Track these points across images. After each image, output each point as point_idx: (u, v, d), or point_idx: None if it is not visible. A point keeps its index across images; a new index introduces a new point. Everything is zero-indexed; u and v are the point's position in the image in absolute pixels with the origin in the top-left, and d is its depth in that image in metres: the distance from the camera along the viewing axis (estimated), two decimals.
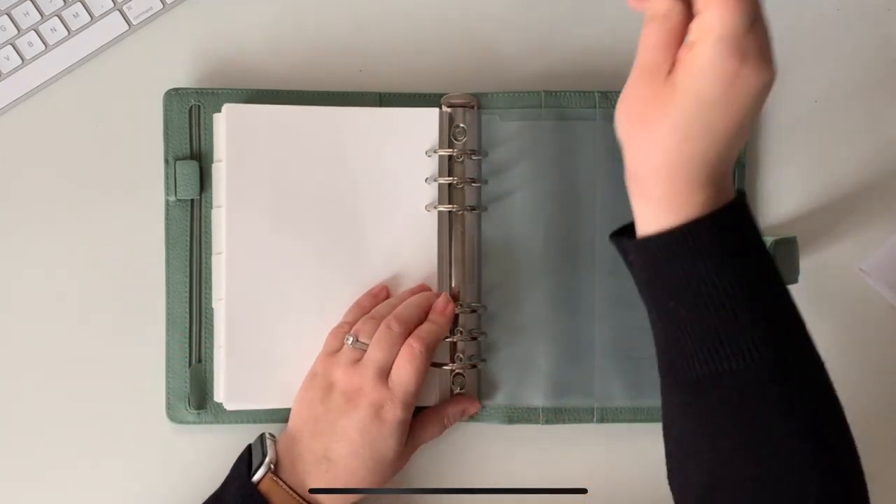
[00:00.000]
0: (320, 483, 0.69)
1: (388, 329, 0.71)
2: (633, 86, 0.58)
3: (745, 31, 0.54)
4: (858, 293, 0.79)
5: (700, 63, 0.55)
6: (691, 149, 0.56)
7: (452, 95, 0.76)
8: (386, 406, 0.69)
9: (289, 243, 0.74)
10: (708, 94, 0.55)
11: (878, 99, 0.80)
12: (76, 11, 0.78)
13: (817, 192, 0.79)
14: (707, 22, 0.54)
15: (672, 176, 0.56)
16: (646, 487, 0.77)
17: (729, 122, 0.55)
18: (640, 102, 0.58)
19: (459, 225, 0.75)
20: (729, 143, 0.56)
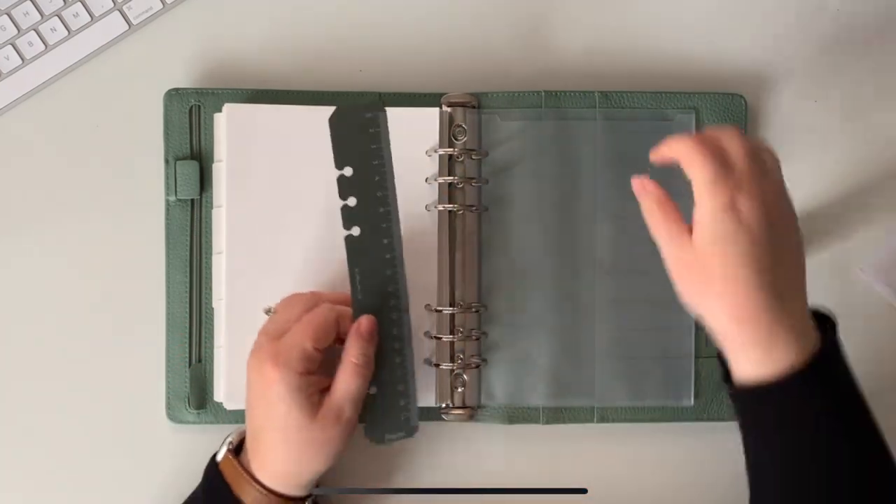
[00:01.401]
0: (255, 462, 0.68)
1: (296, 294, 0.70)
2: (674, 261, 0.65)
3: (724, 171, 0.61)
4: (858, 293, 0.79)
5: (701, 215, 0.62)
6: (747, 282, 0.61)
7: (452, 95, 0.76)
8: (267, 367, 0.66)
9: (289, 243, 0.74)
10: (726, 228, 0.61)
11: (877, 99, 0.80)
12: (76, 11, 0.78)
13: (817, 193, 0.79)
14: (693, 178, 0.62)
15: (752, 315, 0.61)
16: (646, 487, 0.77)
17: (755, 247, 0.61)
18: (687, 270, 0.64)
19: (459, 225, 0.75)
20: (772, 266, 0.61)
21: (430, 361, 0.75)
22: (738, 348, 0.62)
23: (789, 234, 0.63)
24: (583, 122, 0.76)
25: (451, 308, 0.75)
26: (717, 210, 0.61)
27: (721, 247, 0.61)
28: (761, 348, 0.61)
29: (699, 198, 0.62)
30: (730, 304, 0.61)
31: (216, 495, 0.69)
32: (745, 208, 0.61)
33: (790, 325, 0.61)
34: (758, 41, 0.80)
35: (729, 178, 0.61)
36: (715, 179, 0.61)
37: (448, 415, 0.75)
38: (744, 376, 0.62)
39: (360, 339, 0.68)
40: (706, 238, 0.62)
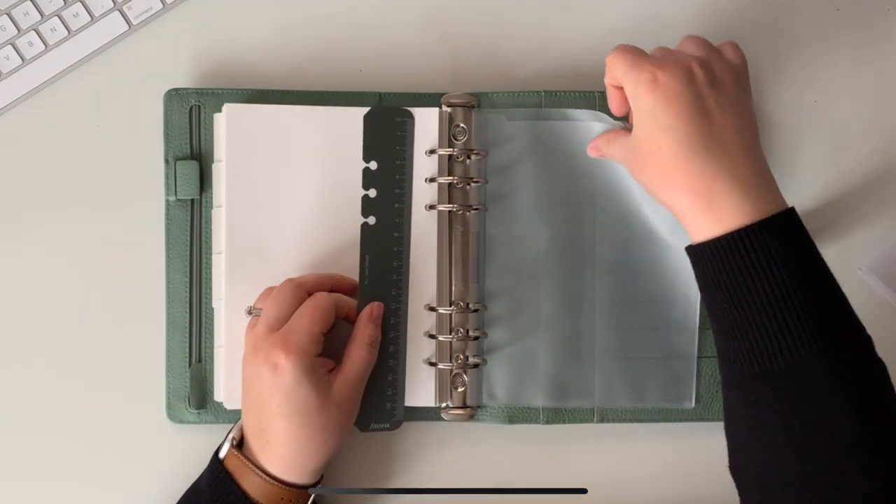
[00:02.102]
0: (265, 455, 0.68)
1: (281, 287, 0.70)
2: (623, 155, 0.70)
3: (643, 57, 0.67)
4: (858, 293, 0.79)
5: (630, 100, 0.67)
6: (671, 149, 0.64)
7: (452, 95, 0.76)
8: (277, 355, 0.67)
9: (289, 243, 0.74)
10: (645, 105, 0.65)
11: (878, 99, 0.80)
12: (76, 11, 0.78)
13: (817, 193, 0.79)
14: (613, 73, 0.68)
15: (686, 180, 0.64)
16: (646, 487, 0.77)
17: (674, 112, 0.64)
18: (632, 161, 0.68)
19: (459, 225, 0.75)
20: (697, 125, 0.64)
21: (430, 361, 0.75)
22: (687, 217, 0.65)
23: (720, 92, 0.66)
24: (583, 123, 0.76)
25: (451, 308, 0.75)
26: (638, 88, 0.65)
27: (644, 122, 0.65)
28: (705, 211, 0.63)
29: (625, 88, 0.67)
30: (662, 176, 0.65)
31: (220, 487, 0.69)
32: (662, 78, 0.65)
33: (735, 187, 0.63)
34: (758, 41, 0.80)
35: (644, 61, 0.66)
36: (630, 65, 0.66)
37: (448, 415, 0.75)
38: (700, 236, 0.64)
39: (372, 321, 0.72)
40: (636, 123, 0.66)
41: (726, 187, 0.63)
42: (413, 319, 0.75)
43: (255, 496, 0.68)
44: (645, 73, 0.65)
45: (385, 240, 0.74)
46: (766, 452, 0.61)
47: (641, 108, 0.66)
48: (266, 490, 0.68)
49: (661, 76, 0.65)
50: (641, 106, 0.66)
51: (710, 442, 0.77)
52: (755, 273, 0.62)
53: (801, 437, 0.60)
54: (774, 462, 0.61)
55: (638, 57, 0.67)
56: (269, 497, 0.68)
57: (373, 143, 0.74)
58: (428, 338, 0.75)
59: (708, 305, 0.65)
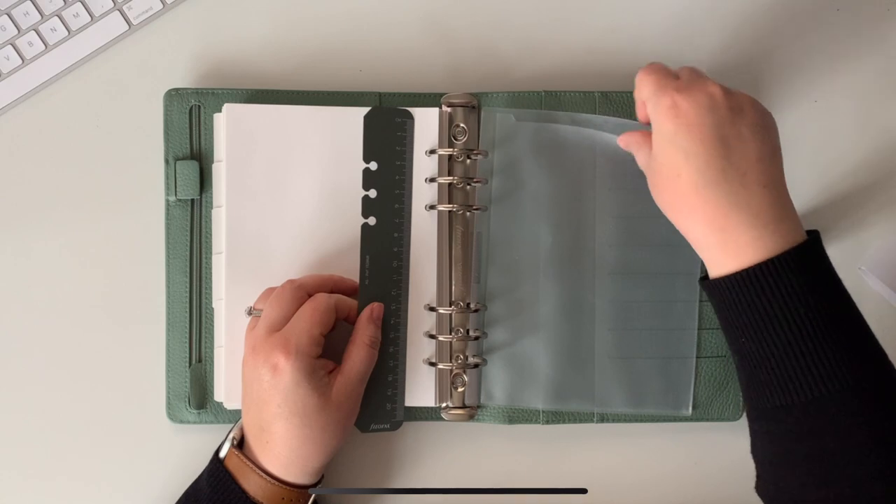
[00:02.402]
0: (265, 455, 0.69)
1: (282, 288, 0.70)
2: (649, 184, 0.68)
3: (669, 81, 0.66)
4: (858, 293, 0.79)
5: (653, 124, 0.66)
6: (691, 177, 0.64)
7: (452, 95, 0.76)
8: (277, 357, 0.67)
9: (288, 243, 0.74)
10: (666, 131, 0.65)
11: (878, 99, 0.80)
12: (76, 11, 0.78)
13: (817, 192, 0.79)
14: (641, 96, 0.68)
15: (704, 210, 0.64)
16: (646, 487, 0.77)
17: (696, 139, 0.64)
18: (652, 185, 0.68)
19: (459, 225, 0.75)
20: (718, 153, 0.63)
21: (430, 361, 0.75)
22: (704, 249, 0.65)
23: (739, 123, 0.65)
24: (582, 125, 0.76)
25: (451, 308, 0.75)
26: (659, 113, 0.65)
27: (664, 148, 0.65)
28: (723, 245, 0.63)
29: (648, 109, 0.67)
30: (680, 203, 0.65)
31: (221, 486, 0.69)
32: (684, 106, 0.65)
33: (752, 220, 0.63)
34: (758, 41, 0.80)
35: (669, 85, 0.66)
36: (655, 88, 0.66)
37: (448, 415, 0.75)
38: (714, 273, 0.65)
39: (372, 322, 0.72)
40: (657, 147, 0.66)
41: (743, 221, 0.63)
42: (413, 319, 0.75)
43: (255, 496, 0.68)
44: (667, 99, 0.65)
45: (385, 240, 0.74)
46: (788, 479, 0.62)
47: (662, 133, 0.65)
48: (266, 490, 0.68)
49: (682, 103, 0.65)
50: (662, 131, 0.65)
51: (710, 442, 0.77)
52: (774, 310, 0.62)
53: (822, 467, 0.60)
54: (796, 488, 0.62)
55: (664, 79, 0.67)
56: (269, 497, 0.68)
57: (373, 144, 0.74)
58: (428, 338, 0.75)
59: (727, 337, 0.66)
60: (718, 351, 0.76)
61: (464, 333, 0.74)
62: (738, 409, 0.76)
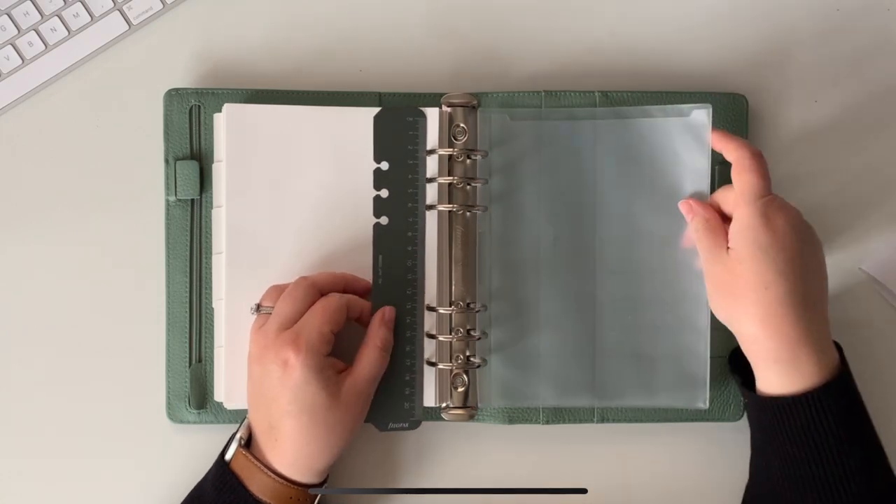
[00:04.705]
0: (273, 454, 0.69)
1: (295, 285, 0.70)
2: (709, 275, 0.70)
3: (767, 189, 0.68)
4: (858, 293, 0.79)
5: (740, 227, 0.68)
6: (776, 294, 0.66)
7: (452, 95, 0.76)
8: (287, 353, 0.67)
9: (289, 243, 0.74)
10: (761, 241, 0.67)
11: (878, 99, 0.80)
12: (76, 11, 0.78)
13: (817, 192, 0.79)
14: (738, 189, 0.68)
15: (780, 327, 0.66)
16: (646, 487, 0.77)
17: (787, 261, 0.66)
18: (719, 281, 0.69)
19: (460, 225, 0.75)
20: (803, 280, 0.67)
21: (430, 361, 0.75)
22: (765, 360, 0.67)
23: (815, 254, 0.69)
24: (583, 122, 0.76)
25: (451, 308, 0.75)
26: (758, 223, 0.67)
27: (757, 257, 0.66)
28: (787, 363, 0.66)
29: (743, 207, 0.68)
30: (762, 314, 0.66)
31: (227, 490, 0.69)
32: (781, 223, 0.67)
33: (815, 342, 0.67)
34: (759, 41, 0.80)
35: (772, 197, 0.68)
36: (763, 196, 0.68)
37: (448, 415, 0.75)
38: (767, 387, 0.67)
39: (384, 325, 0.72)
40: (743, 248, 0.67)
41: (811, 347, 0.66)
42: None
43: (262, 496, 0.68)
44: (766, 216, 0.67)
45: (398, 240, 0.74)
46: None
47: (757, 241, 0.67)
48: (274, 489, 0.68)
49: (779, 219, 0.67)
50: (758, 240, 0.67)
51: (710, 442, 0.77)
52: (819, 429, 0.66)
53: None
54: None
55: (768, 183, 0.68)
56: (276, 496, 0.68)
57: (384, 144, 0.74)
58: (428, 338, 0.75)
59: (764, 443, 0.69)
60: (719, 351, 0.76)
61: (464, 333, 0.74)
62: (738, 410, 0.76)
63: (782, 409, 0.67)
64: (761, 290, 0.66)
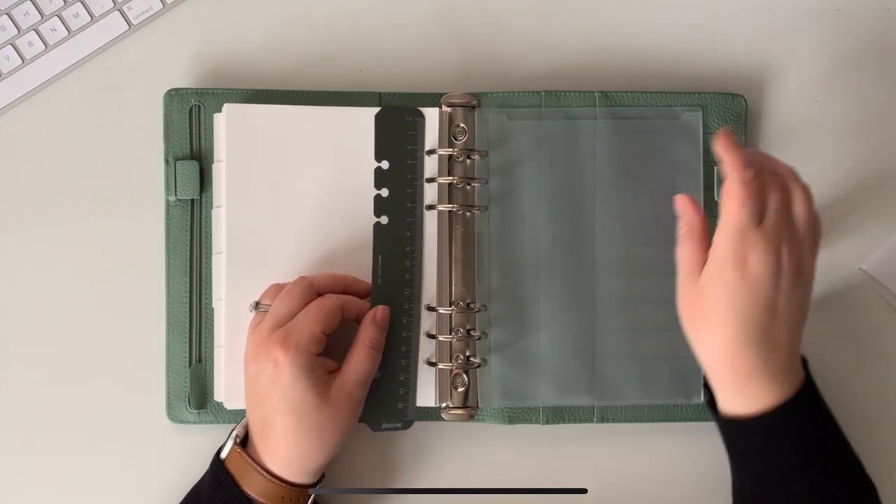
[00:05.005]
0: (266, 452, 0.69)
1: (293, 285, 0.71)
2: (681, 291, 0.68)
3: (753, 223, 0.64)
4: (858, 293, 0.79)
5: (715, 254, 0.65)
6: (733, 332, 0.65)
7: (452, 95, 0.76)
8: (277, 351, 0.67)
9: (289, 243, 0.74)
10: (727, 278, 0.64)
11: (878, 99, 0.80)
12: (76, 11, 0.78)
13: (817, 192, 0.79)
14: (721, 215, 0.65)
15: (733, 362, 0.66)
16: (646, 487, 0.77)
17: (750, 303, 0.64)
18: (689, 304, 0.68)
19: (459, 225, 0.75)
20: (763, 323, 0.65)
21: (430, 361, 0.75)
22: (718, 385, 0.68)
23: (793, 295, 0.66)
24: (583, 122, 0.76)
25: (451, 308, 0.75)
26: (729, 259, 0.65)
27: (719, 294, 0.65)
28: (737, 391, 0.67)
29: (720, 236, 0.65)
30: (717, 347, 0.66)
31: (222, 489, 0.69)
32: (754, 264, 0.64)
33: (770, 374, 0.66)
34: (758, 41, 0.80)
35: (751, 233, 0.64)
36: (741, 230, 0.64)
37: (448, 415, 0.75)
38: (726, 407, 0.67)
39: (376, 325, 0.72)
40: (709, 280, 0.66)
41: (764, 377, 0.66)
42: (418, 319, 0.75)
43: (256, 495, 0.68)
44: (739, 252, 0.64)
45: (397, 240, 0.74)
46: None
47: (723, 280, 0.65)
48: (267, 489, 0.68)
49: (753, 261, 0.64)
50: (724, 279, 0.65)
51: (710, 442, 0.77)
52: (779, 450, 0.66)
53: None
54: None
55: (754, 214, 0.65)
56: (269, 495, 0.68)
57: (384, 143, 0.74)
58: (428, 338, 0.75)
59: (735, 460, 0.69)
60: None
61: (464, 333, 0.74)
62: None
63: (742, 430, 0.67)
64: (718, 326, 0.65)
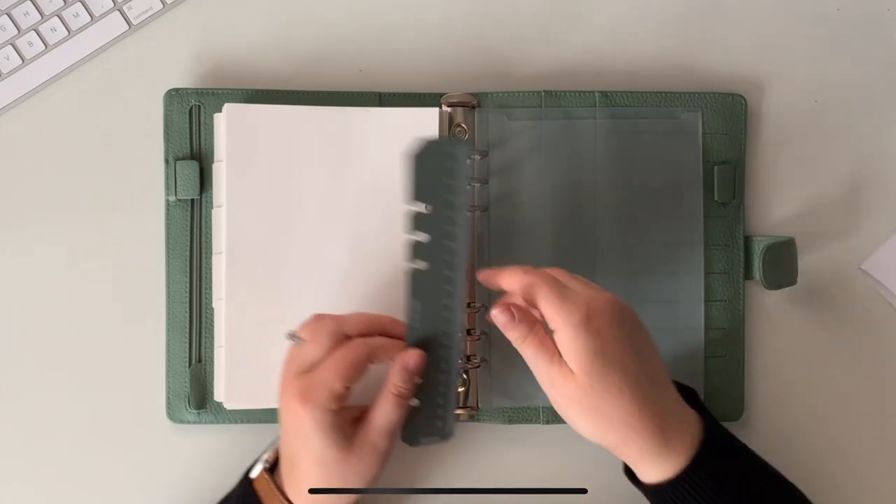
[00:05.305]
0: (294, 489, 0.68)
1: (322, 327, 0.67)
2: (555, 395, 0.65)
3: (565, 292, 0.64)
4: (858, 293, 0.79)
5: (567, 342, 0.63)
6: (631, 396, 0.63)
7: (452, 95, 0.76)
8: (295, 404, 0.65)
9: (289, 243, 0.74)
10: (595, 348, 0.63)
11: (878, 99, 0.80)
12: (76, 11, 0.78)
13: (817, 192, 0.79)
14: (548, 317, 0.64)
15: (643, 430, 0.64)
16: None
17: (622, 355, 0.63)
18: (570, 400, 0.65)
19: None
20: (645, 372, 0.64)
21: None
22: (640, 458, 0.66)
23: (638, 329, 0.66)
24: (583, 122, 0.76)
25: None
26: (578, 328, 0.63)
27: (598, 364, 0.63)
28: (660, 454, 0.65)
29: (555, 321, 0.64)
30: (626, 418, 0.64)
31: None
32: (599, 322, 0.63)
33: (676, 418, 0.65)
34: (758, 41, 0.80)
35: (572, 297, 0.64)
36: (563, 298, 0.64)
37: None
38: (649, 479, 0.66)
39: (407, 371, 0.67)
40: (583, 362, 0.63)
41: (676, 425, 0.65)
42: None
43: None
44: (580, 311, 0.63)
45: (437, 283, 0.67)
46: None
47: (588, 348, 0.63)
48: None
49: (595, 316, 0.63)
50: (590, 347, 0.63)
51: None
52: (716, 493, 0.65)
53: None
54: None
55: (564, 290, 0.64)
56: None
57: (421, 182, 0.67)
58: None
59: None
60: (718, 351, 0.76)
61: (464, 333, 0.74)
62: (738, 409, 0.76)
63: (673, 491, 0.66)
64: (617, 396, 0.63)
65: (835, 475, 0.77)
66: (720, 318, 0.77)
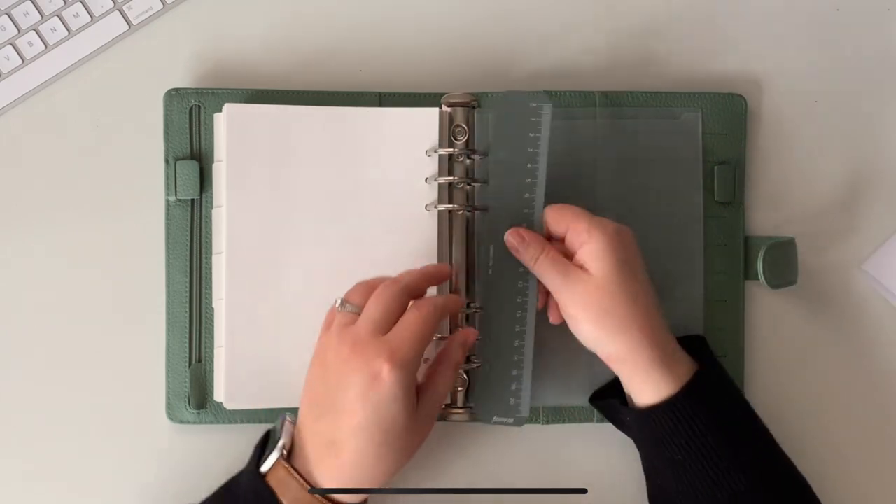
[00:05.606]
0: (329, 471, 0.65)
1: (386, 287, 0.66)
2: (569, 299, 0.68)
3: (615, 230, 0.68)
4: (858, 293, 0.79)
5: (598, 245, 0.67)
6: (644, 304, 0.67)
7: (452, 95, 0.76)
8: (381, 364, 0.62)
9: (288, 243, 0.74)
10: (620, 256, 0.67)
11: (878, 99, 0.80)
12: (76, 11, 0.78)
13: (817, 192, 0.79)
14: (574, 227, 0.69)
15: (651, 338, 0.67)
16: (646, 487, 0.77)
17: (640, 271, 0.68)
18: (582, 303, 0.67)
19: (459, 225, 0.75)
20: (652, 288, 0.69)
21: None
22: (645, 369, 0.67)
23: (644, 262, 0.70)
24: (583, 122, 0.76)
25: None
26: (611, 238, 0.67)
27: (621, 271, 0.67)
28: (666, 366, 0.67)
29: (591, 232, 0.68)
30: (639, 324, 0.67)
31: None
32: (627, 239, 0.69)
33: (676, 348, 0.69)
34: (758, 41, 0.80)
35: (602, 218, 0.69)
36: (595, 216, 0.69)
37: (448, 415, 0.75)
38: (644, 399, 0.68)
39: (463, 346, 0.70)
40: (605, 265, 0.67)
41: (676, 345, 0.69)
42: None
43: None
44: (612, 226, 0.68)
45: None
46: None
47: (616, 257, 0.67)
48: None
49: (627, 235, 0.69)
50: (617, 256, 0.67)
51: None
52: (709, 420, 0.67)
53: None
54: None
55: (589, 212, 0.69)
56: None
57: (502, 131, 0.73)
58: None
59: (653, 459, 0.70)
60: (718, 351, 0.76)
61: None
62: None
63: (667, 413, 0.67)
64: (631, 303, 0.67)
65: (835, 474, 0.77)
66: (720, 318, 0.77)
